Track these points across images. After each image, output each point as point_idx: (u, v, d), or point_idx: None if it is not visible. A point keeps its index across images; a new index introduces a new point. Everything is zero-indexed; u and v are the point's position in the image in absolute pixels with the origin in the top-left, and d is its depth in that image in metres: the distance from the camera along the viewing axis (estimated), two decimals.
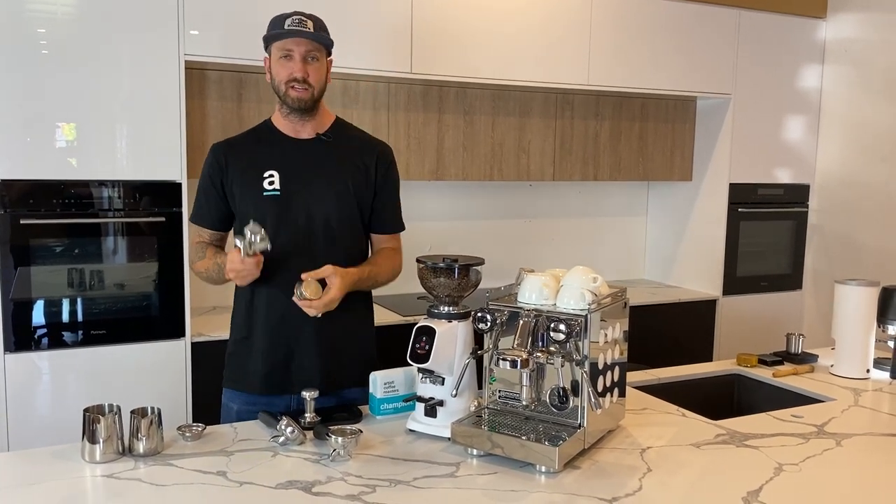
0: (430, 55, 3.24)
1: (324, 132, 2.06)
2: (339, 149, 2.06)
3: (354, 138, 2.12)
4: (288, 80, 1.96)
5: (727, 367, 2.49)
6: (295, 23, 1.93)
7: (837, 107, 4.09)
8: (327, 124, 2.08)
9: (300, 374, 2.01)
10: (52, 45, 2.61)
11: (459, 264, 1.80)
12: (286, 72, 1.96)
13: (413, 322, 1.84)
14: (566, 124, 3.79)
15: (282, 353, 2.01)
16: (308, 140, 2.04)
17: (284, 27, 1.93)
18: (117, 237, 2.75)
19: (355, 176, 2.05)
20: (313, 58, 1.97)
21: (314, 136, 2.05)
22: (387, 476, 1.57)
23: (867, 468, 1.69)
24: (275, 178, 1.98)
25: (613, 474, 1.60)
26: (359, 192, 2.05)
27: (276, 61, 1.98)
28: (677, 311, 3.89)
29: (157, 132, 2.77)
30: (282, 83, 1.97)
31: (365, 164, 2.07)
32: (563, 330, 1.63)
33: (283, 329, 2.00)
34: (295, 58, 1.95)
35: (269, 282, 1.97)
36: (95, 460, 1.61)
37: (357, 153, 2.08)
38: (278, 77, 1.98)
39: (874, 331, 2.37)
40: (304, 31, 1.93)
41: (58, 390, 2.69)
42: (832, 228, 4.14)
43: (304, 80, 1.95)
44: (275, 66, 1.99)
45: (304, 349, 2.01)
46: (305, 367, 2.01)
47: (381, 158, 2.10)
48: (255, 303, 2.02)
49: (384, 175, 2.11)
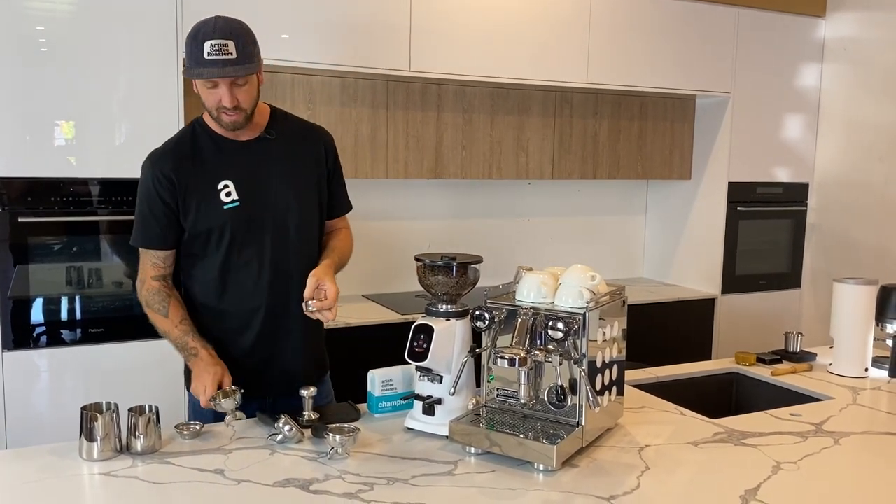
0: (428, 53, 3.24)
1: (266, 130, 1.96)
2: (286, 145, 1.98)
3: (296, 129, 2.04)
4: (218, 108, 1.83)
5: (725, 366, 2.49)
6: (215, 49, 1.74)
7: (836, 106, 4.09)
8: (264, 121, 1.97)
9: (279, 376, 2.00)
10: (50, 43, 2.60)
11: (457, 262, 1.80)
12: (214, 99, 1.81)
13: (411, 320, 1.84)
14: (565, 123, 3.79)
15: (257, 362, 1.99)
16: (252, 141, 1.94)
17: (205, 55, 1.74)
18: (116, 235, 2.75)
19: (308, 168, 2.00)
20: (241, 83, 1.80)
21: (257, 135, 1.95)
22: (385, 474, 1.57)
23: (865, 467, 1.69)
24: (230, 187, 1.89)
25: (611, 472, 1.60)
26: (315, 184, 2.01)
27: (202, 87, 1.82)
28: (676, 309, 3.88)
29: (155, 130, 2.75)
30: (212, 108, 1.84)
31: (314, 153, 2.02)
32: (561, 328, 1.63)
33: (256, 338, 1.98)
34: (221, 86, 1.79)
35: (237, 294, 1.95)
36: (93, 458, 1.61)
37: (304, 145, 2.01)
38: (207, 102, 1.84)
39: (872, 329, 2.37)
40: (226, 63, 1.74)
41: (56, 388, 2.69)
42: (831, 227, 4.14)
43: (235, 106, 1.81)
44: (201, 90, 1.83)
45: (281, 352, 2.00)
46: (283, 371, 2.01)
47: (328, 146, 2.05)
48: (223, 315, 1.97)
49: (333, 161, 2.06)
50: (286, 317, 1.97)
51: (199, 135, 1.95)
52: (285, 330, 1.99)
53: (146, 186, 1.91)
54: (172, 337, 1.93)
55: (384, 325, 3.12)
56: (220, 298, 1.96)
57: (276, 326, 1.98)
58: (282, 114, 2.04)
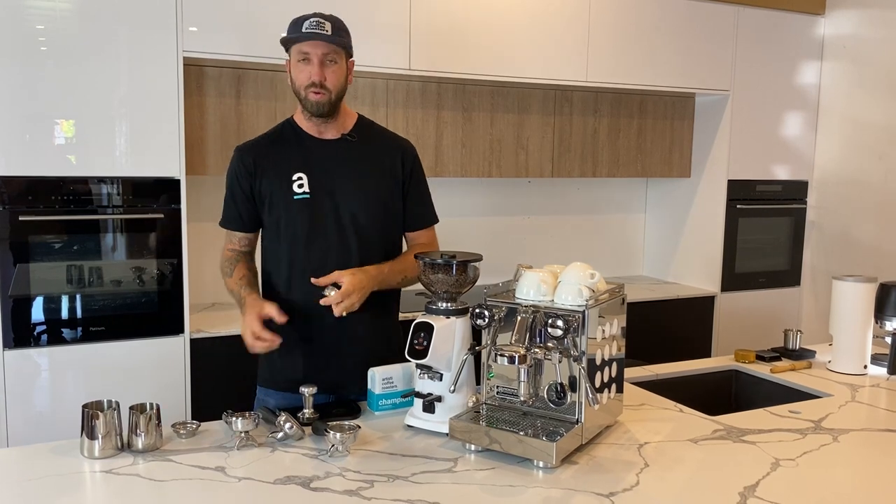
0: (428, 51, 3.24)
1: (348, 132, 2.04)
2: (365, 148, 2.05)
3: (378, 137, 2.12)
4: (307, 85, 1.93)
5: (725, 363, 2.49)
6: (313, 25, 1.89)
7: (836, 103, 4.09)
8: (350, 124, 2.07)
9: (339, 373, 2.01)
10: (50, 42, 2.61)
11: (457, 260, 1.80)
12: (304, 76, 1.92)
13: (411, 318, 1.84)
14: (565, 121, 3.79)
15: (321, 354, 2.01)
16: (333, 140, 2.03)
17: (302, 29, 1.89)
18: (116, 234, 2.75)
19: (383, 174, 2.05)
20: (331, 60, 1.92)
21: (339, 136, 2.03)
22: (385, 471, 1.58)
23: (864, 464, 1.69)
24: (303, 180, 1.97)
25: (611, 469, 1.61)
26: (387, 191, 2.05)
27: (295, 65, 1.94)
28: (676, 307, 3.89)
29: (155, 129, 2.77)
30: (301, 87, 1.94)
31: (391, 163, 2.07)
32: (560, 326, 1.63)
33: (322, 330, 2.00)
34: (313, 61, 1.91)
35: (305, 285, 1.95)
36: (94, 456, 1.61)
37: (382, 152, 2.08)
38: (297, 81, 1.95)
39: (871, 327, 2.38)
40: (320, 34, 1.89)
41: (57, 386, 2.70)
42: (830, 225, 4.14)
43: (322, 84, 1.92)
44: (294, 69, 1.96)
45: (343, 349, 2.01)
46: (346, 368, 2.01)
47: (406, 155, 2.10)
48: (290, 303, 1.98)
49: (410, 172, 2.10)
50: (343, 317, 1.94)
51: (286, 129, 2.07)
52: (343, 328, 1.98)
53: (230, 172, 2.05)
54: (234, 293, 2.03)
55: None
56: (287, 290, 2.01)
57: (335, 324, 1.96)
58: (368, 122, 2.12)
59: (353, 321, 1.94)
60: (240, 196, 2.03)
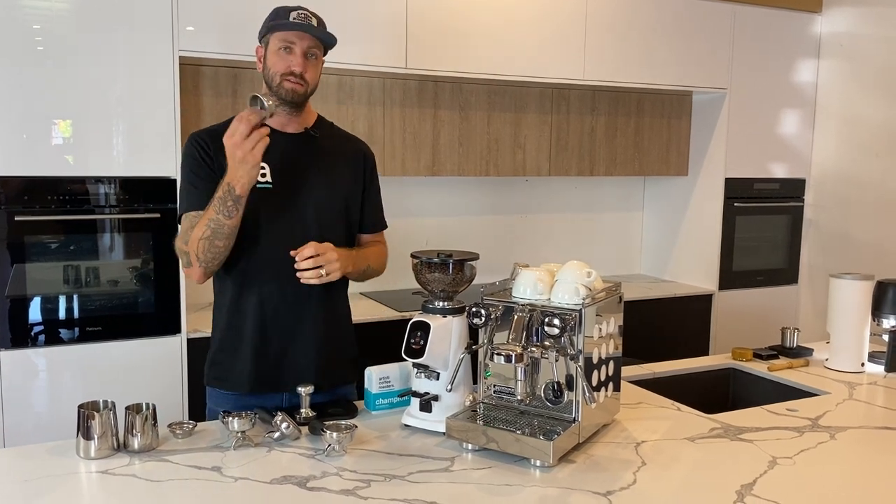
0: (425, 50, 3.24)
1: (311, 127, 2.04)
2: (327, 144, 2.05)
3: (339, 136, 2.12)
4: (284, 73, 1.92)
5: (722, 362, 2.49)
6: (301, 17, 1.91)
7: (833, 101, 4.09)
8: (312, 121, 2.06)
9: (293, 370, 1.97)
10: (47, 42, 2.60)
11: (454, 259, 1.80)
12: (284, 64, 1.91)
13: (408, 317, 1.84)
14: (562, 119, 3.79)
15: (274, 350, 1.97)
16: (296, 134, 2.02)
17: (289, 19, 1.90)
18: (113, 233, 2.75)
19: (344, 171, 2.05)
20: (313, 55, 1.94)
21: (302, 130, 2.02)
22: (382, 471, 1.57)
23: (861, 461, 1.70)
24: (266, 170, 1.94)
25: (608, 468, 1.61)
26: (348, 188, 2.05)
27: (275, 52, 1.92)
28: (673, 305, 3.89)
29: (152, 128, 2.77)
30: (277, 74, 1.92)
31: (353, 162, 2.07)
32: (557, 324, 1.63)
33: (276, 324, 1.97)
34: (296, 51, 1.91)
35: (261, 275, 1.94)
36: (90, 456, 1.61)
37: (344, 150, 2.08)
38: (274, 68, 1.93)
39: (869, 324, 2.38)
40: (310, 27, 1.91)
41: (53, 387, 2.69)
42: (828, 223, 4.15)
43: (301, 75, 1.92)
44: (272, 56, 1.93)
45: (298, 345, 1.98)
46: (300, 364, 1.98)
47: (367, 159, 2.11)
48: (244, 297, 1.97)
49: (371, 175, 2.12)
50: (300, 308, 1.95)
51: None
52: (300, 321, 1.97)
53: (187, 155, 1.96)
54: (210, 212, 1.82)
55: (381, 322, 3.12)
56: (241, 286, 1.96)
57: (292, 318, 1.96)
58: (328, 122, 2.12)
59: (305, 318, 1.96)
60: (205, 174, 1.91)
